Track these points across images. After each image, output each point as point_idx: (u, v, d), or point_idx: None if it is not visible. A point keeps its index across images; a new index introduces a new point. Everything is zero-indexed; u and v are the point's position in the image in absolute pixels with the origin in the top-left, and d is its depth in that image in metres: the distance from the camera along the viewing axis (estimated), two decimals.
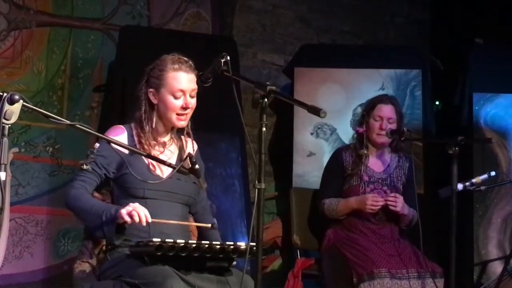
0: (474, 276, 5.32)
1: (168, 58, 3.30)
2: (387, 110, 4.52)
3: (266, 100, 2.86)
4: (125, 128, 3.32)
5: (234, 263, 3.17)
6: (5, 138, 2.53)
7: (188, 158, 3.16)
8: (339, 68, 5.75)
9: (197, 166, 3.13)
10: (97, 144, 3.20)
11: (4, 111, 2.53)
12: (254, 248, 2.85)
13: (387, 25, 6.57)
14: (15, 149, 3.91)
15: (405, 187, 4.57)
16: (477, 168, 5.33)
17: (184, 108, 3.27)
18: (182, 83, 3.26)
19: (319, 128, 5.67)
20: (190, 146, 3.39)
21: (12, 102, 2.55)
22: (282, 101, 3.13)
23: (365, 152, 4.53)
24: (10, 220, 4.62)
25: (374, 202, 4.36)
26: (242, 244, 3.09)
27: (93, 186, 3.25)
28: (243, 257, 3.03)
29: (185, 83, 3.26)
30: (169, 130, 3.36)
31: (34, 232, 4.98)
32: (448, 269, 4.16)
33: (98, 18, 5.30)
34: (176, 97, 3.26)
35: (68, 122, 2.93)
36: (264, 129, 2.84)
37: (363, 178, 4.49)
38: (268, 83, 2.91)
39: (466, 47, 5.81)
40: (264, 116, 2.85)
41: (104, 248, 3.27)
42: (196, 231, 3.46)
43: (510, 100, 5.57)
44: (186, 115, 3.30)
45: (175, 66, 3.27)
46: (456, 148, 4.17)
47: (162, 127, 3.33)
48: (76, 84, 5.21)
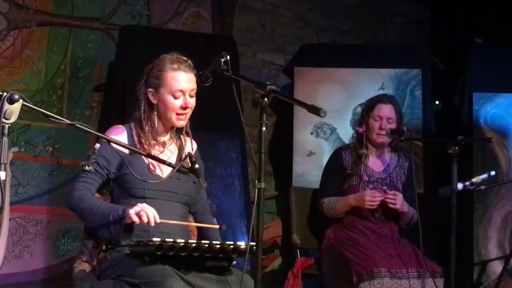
0: (474, 276, 5.32)
1: (167, 58, 3.29)
2: (386, 110, 4.51)
3: (266, 99, 2.86)
4: (125, 128, 3.32)
5: (234, 262, 3.17)
6: (5, 138, 2.53)
7: (188, 157, 3.16)
8: (339, 67, 5.75)
9: (197, 165, 3.13)
10: (98, 145, 3.19)
11: (4, 111, 2.53)
12: (254, 247, 2.85)
13: (387, 25, 6.57)
14: (15, 149, 3.92)
15: (405, 186, 4.56)
16: (477, 168, 5.33)
17: (184, 108, 3.26)
18: (181, 83, 3.25)
19: (319, 127, 5.67)
20: (189, 145, 3.39)
21: (12, 101, 2.55)
22: (282, 101, 3.13)
23: (364, 152, 4.53)
24: (10, 220, 4.62)
25: (372, 198, 4.36)
26: (242, 244, 3.08)
27: (95, 187, 3.24)
28: (243, 256, 3.02)
29: (185, 83, 3.26)
30: (168, 130, 3.35)
31: (34, 231, 4.98)
32: (448, 269, 4.16)
33: (98, 17, 5.30)
34: (175, 97, 3.26)
35: (68, 121, 2.92)
36: (264, 128, 2.84)
37: (363, 178, 4.49)
38: (268, 82, 2.91)
39: (466, 47, 5.81)
40: (264, 116, 2.85)
41: (104, 247, 3.26)
42: (195, 231, 3.45)
43: (510, 99, 5.57)
44: (185, 115, 3.29)
45: (174, 65, 3.26)
46: (456, 148, 4.16)
47: (162, 126, 3.32)
48: (76, 84, 5.20)
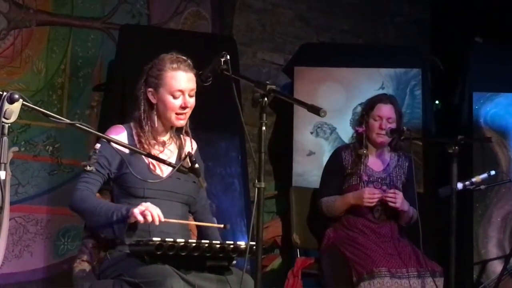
0: (474, 275, 5.32)
1: (167, 58, 3.29)
2: (386, 110, 4.51)
3: (266, 99, 2.86)
4: (125, 128, 3.31)
5: (234, 262, 3.17)
6: (5, 137, 2.53)
7: (187, 157, 3.16)
8: (339, 67, 5.75)
9: (196, 165, 3.13)
10: (98, 145, 3.19)
11: (4, 110, 2.53)
12: (254, 247, 2.85)
13: (387, 24, 6.57)
14: (15, 148, 3.92)
15: (404, 186, 4.56)
16: (477, 167, 5.33)
17: (183, 107, 3.26)
18: (180, 83, 3.25)
19: (319, 127, 5.67)
20: (188, 145, 3.39)
21: (12, 101, 2.55)
22: (282, 100, 3.13)
23: (364, 151, 4.52)
24: (10, 219, 4.62)
25: (371, 195, 4.36)
26: (242, 243, 3.08)
27: (97, 187, 3.24)
28: (243, 256, 3.02)
29: (184, 82, 3.25)
30: (168, 129, 3.35)
31: (34, 231, 4.98)
32: (448, 268, 4.16)
33: (98, 17, 5.30)
34: (175, 97, 3.25)
35: (68, 121, 2.92)
36: (264, 128, 2.84)
37: (363, 178, 4.49)
38: (268, 82, 2.91)
39: (466, 47, 5.81)
40: (264, 115, 2.85)
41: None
42: (195, 230, 3.45)
43: (510, 99, 5.57)
44: (185, 115, 3.29)
45: (174, 65, 3.26)
46: (456, 147, 4.16)
47: (162, 126, 3.32)
48: (76, 83, 5.20)
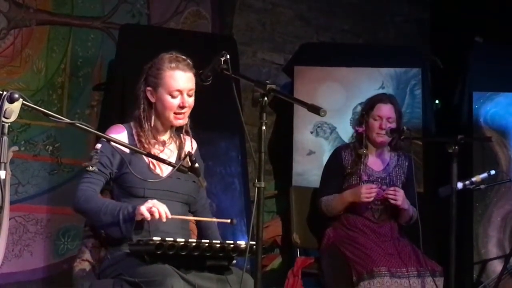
0: (474, 275, 5.32)
1: (166, 57, 3.29)
2: (386, 110, 4.51)
3: (266, 98, 2.85)
4: (125, 127, 3.31)
5: (234, 261, 3.17)
6: (5, 137, 2.53)
7: (187, 156, 3.16)
8: (339, 66, 5.74)
9: (196, 164, 3.13)
10: (99, 145, 3.20)
11: (4, 110, 2.53)
12: (254, 246, 2.85)
13: (387, 24, 6.57)
14: (15, 148, 3.91)
15: (404, 186, 4.56)
16: (477, 167, 5.33)
17: (181, 107, 3.26)
18: (179, 82, 3.24)
19: (319, 126, 5.67)
20: (188, 145, 3.39)
21: (12, 100, 2.55)
22: (282, 100, 3.13)
23: (364, 151, 4.52)
24: (10, 219, 4.62)
25: (368, 190, 4.36)
26: (242, 243, 3.08)
27: (100, 187, 3.23)
28: (243, 256, 3.02)
29: (182, 82, 3.25)
30: (168, 129, 3.35)
31: (34, 230, 4.98)
32: (447, 268, 4.16)
33: (98, 16, 5.30)
34: (173, 96, 3.25)
35: (68, 120, 2.92)
36: (264, 127, 2.84)
37: (362, 177, 4.48)
38: (268, 81, 2.91)
39: (466, 47, 5.80)
40: (264, 115, 2.85)
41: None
42: (196, 230, 3.45)
43: (509, 98, 5.57)
44: (183, 114, 3.29)
45: (172, 64, 3.26)
46: (456, 147, 4.16)
47: (161, 125, 3.32)
48: (76, 83, 5.20)
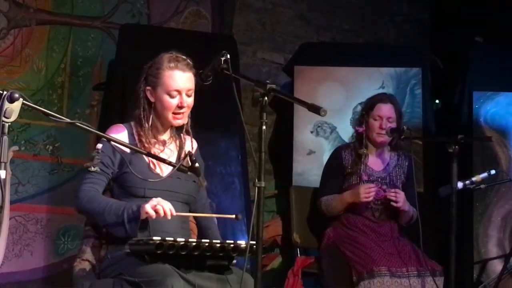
0: (474, 275, 5.32)
1: (165, 56, 3.29)
2: (386, 109, 4.51)
3: (266, 98, 2.85)
4: (125, 127, 3.31)
5: (234, 261, 3.17)
6: (5, 136, 2.53)
7: (188, 156, 3.16)
8: (339, 66, 5.74)
9: (197, 164, 3.13)
10: (100, 145, 3.19)
11: (4, 109, 2.53)
12: (254, 246, 2.85)
13: (387, 24, 6.57)
14: (15, 148, 3.91)
15: (404, 185, 4.56)
16: (477, 167, 5.33)
17: (180, 107, 3.25)
18: (177, 82, 3.24)
19: (319, 126, 5.67)
20: (189, 144, 3.39)
21: (12, 100, 2.55)
22: (282, 100, 3.13)
23: (364, 151, 4.52)
24: (10, 219, 4.62)
25: (367, 190, 4.36)
26: (242, 243, 3.08)
27: (102, 186, 3.23)
28: (243, 255, 3.02)
29: (181, 82, 3.24)
30: (168, 128, 3.35)
31: (34, 230, 4.98)
32: (448, 268, 4.16)
33: (98, 16, 5.30)
34: (171, 96, 3.25)
35: (68, 120, 2.92)
36: (264, 127, 2.84)
37: (362, 177, 4.48)
38: (268, 81, 2.91)
39: (466, 46, 5.80)
40: (264, 115, 2.85)
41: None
42: (196, 230, 3.45)
43: (510, 98, 5.57)
44: (182, 114, 3.28)
45: (171, 64, 3.25)
46: (456, 147, 4.16)
47: (161, 125, 3.32)
48: (76, 82, 5.20)
